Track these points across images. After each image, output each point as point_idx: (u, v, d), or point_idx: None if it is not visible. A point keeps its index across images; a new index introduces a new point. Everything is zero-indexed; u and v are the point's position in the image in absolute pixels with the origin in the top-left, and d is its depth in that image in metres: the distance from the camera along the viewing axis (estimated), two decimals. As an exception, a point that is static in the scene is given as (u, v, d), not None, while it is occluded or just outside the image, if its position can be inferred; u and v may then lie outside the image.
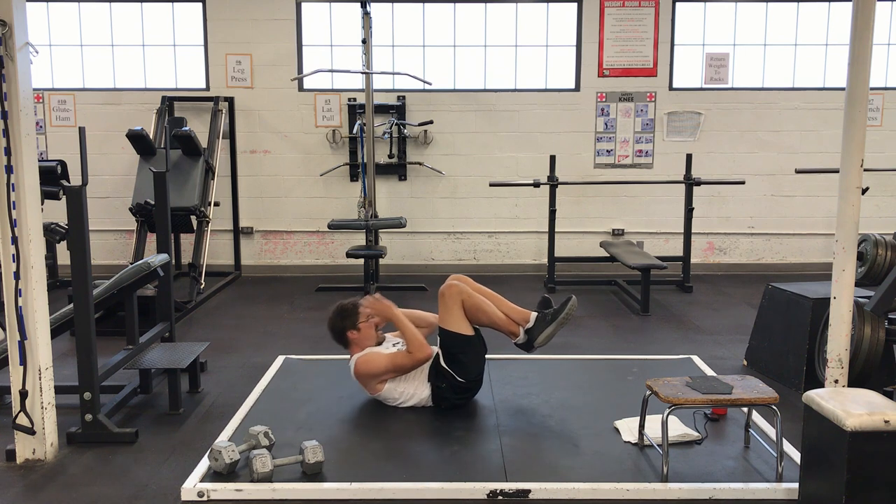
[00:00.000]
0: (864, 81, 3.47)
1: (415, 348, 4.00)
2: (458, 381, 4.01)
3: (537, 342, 4.10)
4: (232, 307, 6.69)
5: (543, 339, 4.08)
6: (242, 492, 3.21)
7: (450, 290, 4.03)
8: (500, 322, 4.11)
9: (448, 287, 4.05)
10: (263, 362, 4.96)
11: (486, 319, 4.07)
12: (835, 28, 7.92)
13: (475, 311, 4.03)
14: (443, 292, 4.05)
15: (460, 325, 4.01)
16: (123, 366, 4.18)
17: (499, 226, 8.06)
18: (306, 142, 7.90)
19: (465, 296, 4.02)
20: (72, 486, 3.37)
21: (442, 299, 4.04)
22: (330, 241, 8.05)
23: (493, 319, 4.09)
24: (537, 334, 4.09)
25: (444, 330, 4.04)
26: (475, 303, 4.03)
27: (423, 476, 3.33)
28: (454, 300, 4.01)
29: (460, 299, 4.01)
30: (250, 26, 7.75)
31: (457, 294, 4.02)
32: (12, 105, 3.43)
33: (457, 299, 4.01)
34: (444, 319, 4.04)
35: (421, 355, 4.00)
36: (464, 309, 4.01)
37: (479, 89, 7.92)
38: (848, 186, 3.52)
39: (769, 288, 4.97)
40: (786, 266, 8.11)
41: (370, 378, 4.06)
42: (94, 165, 7.07)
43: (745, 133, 7.97)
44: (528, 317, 4.15)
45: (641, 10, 7.77)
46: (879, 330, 3.98)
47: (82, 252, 3.67)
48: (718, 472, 3.36)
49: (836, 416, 2.82)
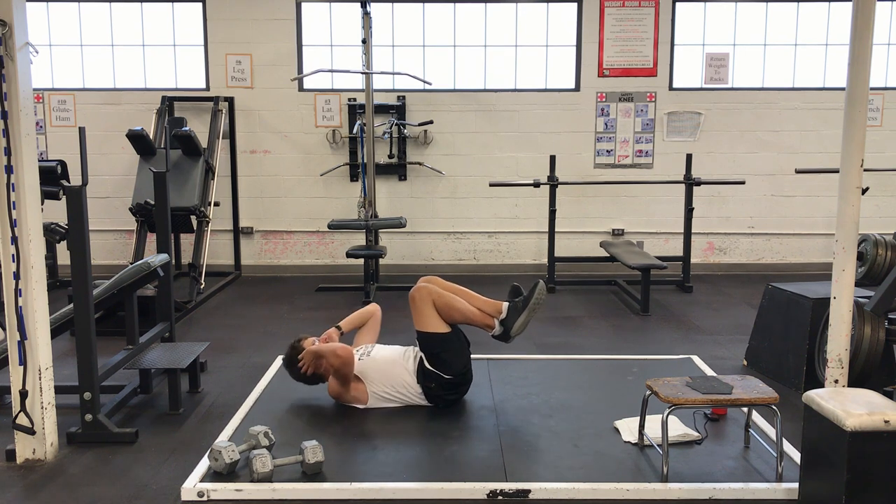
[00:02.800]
0: (864, 81, 3.47)
1: (331, 359, 4.00)
2: (445, 379, 4.03)
3: (513, 331, 4.11)
4: (232, 307, 6.69)
5: (518, 327, 4.09)
6: (242, 492, 3.21)
7: (419, 293, 4.05)
8: (475, 317, 4.12)
9: (417, 290, 4.07)
10: (263, 362, 4.96)
11: (459, 316, 4.08)
12: (835, 28, 7.92)
13: (448, 309, 4.04)
14: (412, 296, 4.06)
15: (435, 325, 4.03)
16: (123, 366, 4.18)
17: (499, 226, 8.06)
18: (306, 142, 7.90)
19: (434, 296, 4.03)
20: (72, 486, 3.37)
21: (413, 303, 4.06)
22: (330, 241, 8.05)
23: (467, 315, 4.09)
24: (511, 323, 4.10)
25: (420, 332, 4.07)
26: (446, 301, 4.04)
27: (423, 476, 3.34)
28: (424, 301, 4.03)
29: (430, 300, 4.03)
30: (250, 26, 7.76)
31: (426, 295, 4.03)
32: (12, 105, 3.43)
33: (427, 300, 4.02)
34: (418, 322, 4.06)
35: (337, 360, 3.99)
36: (436, 308, 4.02)
37: (479, 89, 7.92)
38: (848, 186, 3.52)
39: (769, 288, 4.97)
40: (786, 266, 8.11)
41: (341, 396, 4.11)
42: (94, 165, 7.08)
43: (745, 133, 7.97)
44: (500, 308, 4.15)
45: (641, 10, 7.77)
46: (879, 330, 3.98)
47: (82, 252, 3.67)
48: (718, 472, 3.36)
49: (836, 416, 2.82)
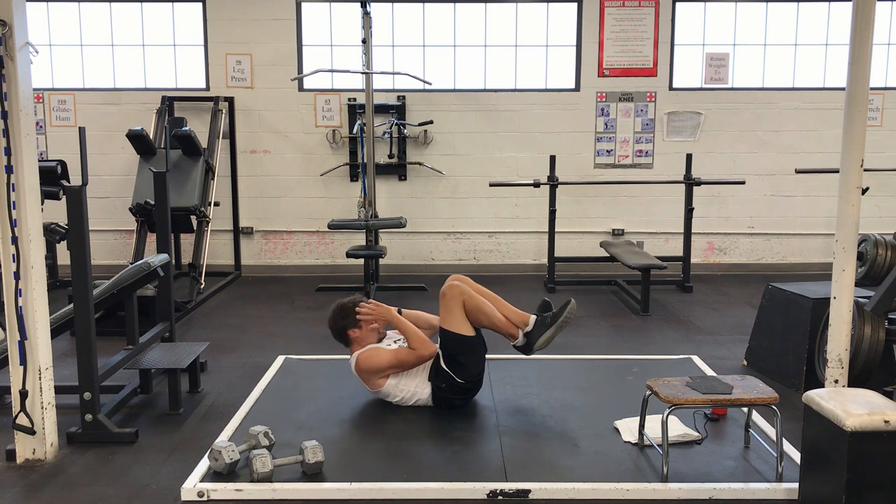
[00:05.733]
0: (864, 81, 3.47)
1: (418, 345, 4.00)
2: (457, 382, 4.01)
3: (537, 345, 4.08)
4: (232, 307, 6.69)
5: (543, 342, 4.06)
6: (242, 492, 3.21)
7: (451, 291, 4.01)
8: (500, 324, 4.10)
9: (449, 287, 4.03)
10: (263, 362, 4.96)
11: (486, 321, 4.06)
12: (835, 28, 7.91)
13: (476, 312, 4.01)
14: (444, 293, 4.03)
15: (461, 326, 4.00)
16: (123, 366, 4.18)
17: (499, 226, 8.06)
18: (306, 142, 7.90)
19: (466, 297, 4.00)
20: (72, 486, 3.37)
21: (443, 300, 4.03)
22: (330, 241, 8.05)
23: (494, 321, 4.07)
24: (536, 337, 4.07)
25: (444, 330, 4.03)
26: (476, 304, 4.01)
27: (423, 476, 3.33)
28: (455, 301, 3.99)
29: (461, 300, 3.99)
30: (250, 26, 7.76)
31: (458, 295, 4.00)
32: (12, 105, 3.43)
33: (458, 300, 3.99)
34: (445, 320, 4.03)
35: (424, 351, 4.00)
36: (464, 310, 4.00)
37: (479, 89, 7.92)
38: (848, 186, 3.52)
39: (769, 288, 4.97)
40: (786, 266, 8.11)
41: (372, 374, 4.04)
42: (94, 165, 7.08)
43: (745, 133, 7.96)
44: (527, 320, 4.13)
45: (641, 10, 7.77)
46: (879, 330, 3.98)
47: (82, 252, 3.67)
48: (718, 472, 3.36)
49: (836, 416, 2.82)
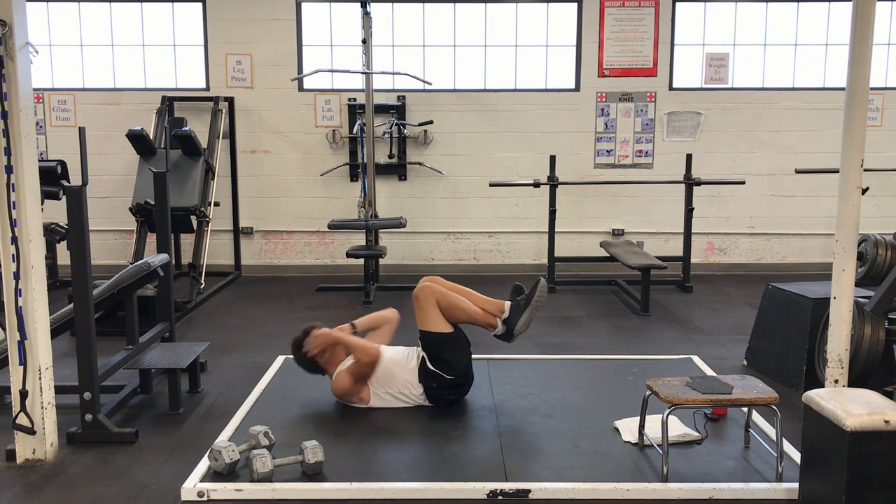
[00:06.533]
0: (864, 81, 3.47)
1: (360, 354, 4.04)
2: (447, 379, 4.04)
3: (516, 329, 4.12)
4: (232, 307, 6.69)
5: (522, 325, 4.10)
6: (242, 492, 3.21)
7: (423, 293, 4.06)
8: (478, 316, 4.13)
9: (421, 289, 4.08)
10: (263, 362, 4.96)
11: (462, 316, 4.09)
12: (835, 28, 7.91)
13: (451, 308, 4.06)
14: (416, 295, 4.07)
15: (438, 325, 4.04)
16: (123, 366, 4.18)
17: (499, 226, 8.06)
18: (306, 142, 7.90)
19: (438, 295, 4.05)
20: (72, 486, 3.37)
21: (417, 302, 4.07)
22: (330, 241, 8.05)
23: (470, 314, 4.11)
24: (515, 321, 4.10)
25: (424, 332, 4.07)
26: (450, 301, 4.06)
27: (423, 476, 3.34)
28: (429, 301, 4.04)
29: (434, 299, 4.04)
30: (250, 26, 7.76)
31: (430, 295, 4.05)
32: (12, 105, 3.43)
33: (431, 300, 4.04)
34: (422, 321, 4.07)
35: (367, 357, 4.03)
36: (440, 308, 4.04)
37: (479, 89, 7.92)
38: (848, 186, 3.52)
39: (769, 288, 4.97)
40: (786, 266, 8.11)
41: (347, 395, 4.10)
42: (94, 165, 7.07)
43: (745, 133, 7.96)
44: (502, 307, 4.17)
45: (641, 10, 7.77)
46: (879, 330, 3.98)
47: (82, 252, 3.67)
48: (718, 472, 3.36)
49: (836, 416, 2.82)
